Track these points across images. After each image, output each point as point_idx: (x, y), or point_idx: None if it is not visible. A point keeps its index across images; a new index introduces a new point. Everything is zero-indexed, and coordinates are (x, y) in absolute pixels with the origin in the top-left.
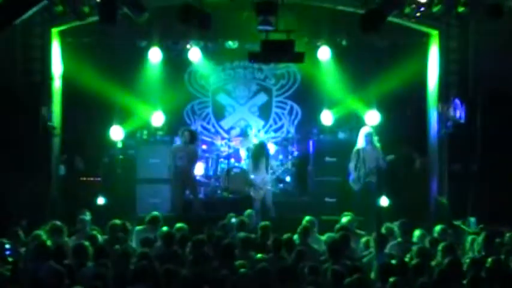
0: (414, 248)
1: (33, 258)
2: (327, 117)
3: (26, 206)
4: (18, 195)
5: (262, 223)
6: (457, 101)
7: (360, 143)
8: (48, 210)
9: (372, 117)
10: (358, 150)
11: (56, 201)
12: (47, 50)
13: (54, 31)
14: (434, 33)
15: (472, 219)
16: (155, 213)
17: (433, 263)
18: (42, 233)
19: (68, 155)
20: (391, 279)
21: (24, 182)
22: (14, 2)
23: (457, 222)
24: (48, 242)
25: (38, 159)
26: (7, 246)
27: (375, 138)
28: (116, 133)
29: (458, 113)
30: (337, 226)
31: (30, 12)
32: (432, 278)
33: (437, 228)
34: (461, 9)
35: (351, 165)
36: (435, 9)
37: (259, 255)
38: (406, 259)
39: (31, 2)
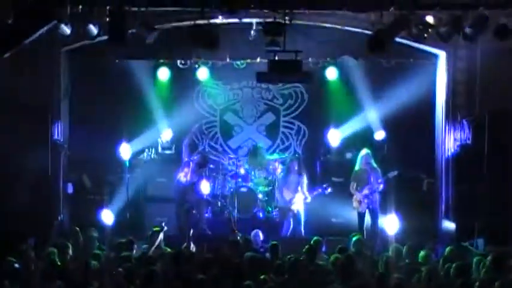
0: (423, 269)
1: (41, 278)
2: (333, 137)
3: (34, 224)
4: (26, 214)
5: (272, 242)
6: (464, 122)
7: (357, 164)
8: (56, 229)
9: (379, 138)
10: (356, 172)
11: (64, 220)
12: (56, 69)
13: (63, 50)
14: (442, 54)
15: (480, 241)
16: (156, 228)
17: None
18: (51, 252)
19: (76, 174)
20: None
21: (32, 201)
22: (23, 22)
23: (464, 244)
24: (56, 261)
25: (46, 178)
26: (16, 265)
27: (373, 160)
28: (124, 152)
29: (466, 134)
30: (344, 247)
31: (39, 32)
32: None
33: (448, 249)
34: (468, 30)
35: (351, 188)
36: (442, 30)
37: (262, 276)
38: (414, 280)
39: (40, 21)
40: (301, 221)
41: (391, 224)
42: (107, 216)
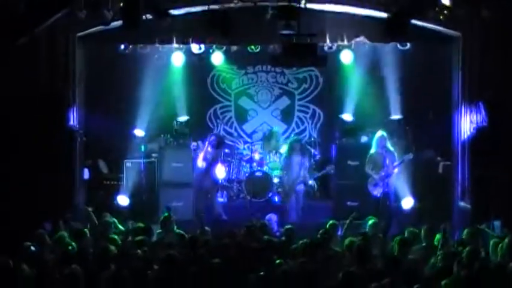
0: (439, 252)
1: (57, 262)
2: (348, 119)
3: (50, 210)
4: (43, 200)
5: (286, 226)
6: (481, 104)
7: (373, 147)
8: (71, 214)
9: (394, 122)
10: (371, 155)
11: (80, 205)
12: (70, 56)
13: (78, 36)
14: (458, 36)
15: (497, 223)
16: (166, 213)
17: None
18: (66, 236)
19: (92, 159)
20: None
21: (48, 187)
22: (36, 8)
23: (481, 226)
24: (72, 246)
25: (62, 164)
26: (32, 248)
27: (389, 142)
28: (139, 137)
29: (482, 116)
30: (360, 231)
31: (53, 18)
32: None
33: (465, 232)
34: (484, 12)
35: (367, 170)
36: (459, 12)
37: (278, 261)
38: (430, 263)
39: (55, 8)
40: (301, 203)
41: (406, 206)
42: (123, 202)
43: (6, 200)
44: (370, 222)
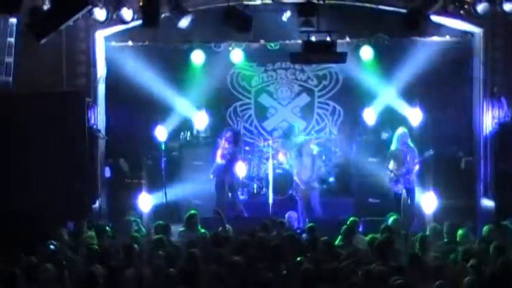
0: (460, 249)
1: (82, 260)
2: (369, 117)
3: (72, 208)
4: (65, 198)
5: (308, 224)
6: (503, 100)
7: (394, 144)
8: (94, 213)
9: (415, 117)
10: (392, 152)
11: (102, 204)
12: (91, 54)
13: (98, 35)
14: (479, 31)
15: None
16: (193, 211)
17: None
18: (89, 236)
19: (114, 158)
20: (437, 282)
21: (70, 185)
22: (59, 8)
23: (504, 222)
24: (93, 245)
25: (84, 162)
26: (51, 247)
27: (409, 139)
28: (160, 135)
29: (504, 111)
30: (382, 227)
31: (75, 18)
32: (481, 278)
33: (486, 228)
34: (506, 6)
35: (388, 167)
36: (479, 6)
37: (299, 258)
38: (451, 259)
39: (76, 7)
40: (318, 201)
41: (428, 203)
42: (145, 200)
43: (29, 200)
44: (392, 218)
